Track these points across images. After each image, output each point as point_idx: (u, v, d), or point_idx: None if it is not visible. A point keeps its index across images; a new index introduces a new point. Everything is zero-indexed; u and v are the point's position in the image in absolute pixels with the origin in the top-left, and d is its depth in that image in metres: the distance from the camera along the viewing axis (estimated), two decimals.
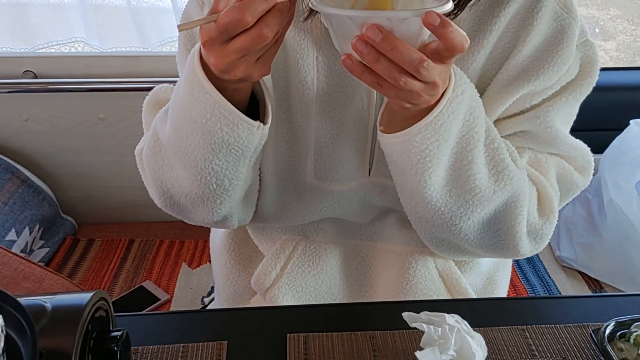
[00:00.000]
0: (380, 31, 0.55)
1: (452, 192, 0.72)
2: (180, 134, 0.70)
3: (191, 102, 0.67)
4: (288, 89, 0.77)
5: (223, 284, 1.01)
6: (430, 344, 0.64)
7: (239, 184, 0.74)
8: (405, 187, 0.75)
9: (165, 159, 0.76)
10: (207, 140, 0.68)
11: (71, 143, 1.75)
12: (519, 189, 0.74)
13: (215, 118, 0.66)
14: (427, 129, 0.65)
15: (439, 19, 0.54)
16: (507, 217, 0.75)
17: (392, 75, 0.57)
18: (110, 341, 0.63)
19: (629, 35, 4.25)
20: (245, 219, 0.85)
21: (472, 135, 0.69)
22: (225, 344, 0.74)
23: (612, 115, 1.70)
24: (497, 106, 0.76)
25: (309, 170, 0.82)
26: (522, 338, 0.76)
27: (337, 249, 0.93)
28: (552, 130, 0.77)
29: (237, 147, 0.68)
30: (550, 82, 0.74)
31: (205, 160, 0.70)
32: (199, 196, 0.74)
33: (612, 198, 1.59)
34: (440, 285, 0.91)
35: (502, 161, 0.72)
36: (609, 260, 1.64)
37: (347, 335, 0.76)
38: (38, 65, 1.64)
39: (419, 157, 0.67)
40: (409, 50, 0.56)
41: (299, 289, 0.92)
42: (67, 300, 0.62)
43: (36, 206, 1.68)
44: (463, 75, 0.67)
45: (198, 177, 0.72)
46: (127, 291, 1.60)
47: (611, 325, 0.74)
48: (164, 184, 0.77)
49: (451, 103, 0.65)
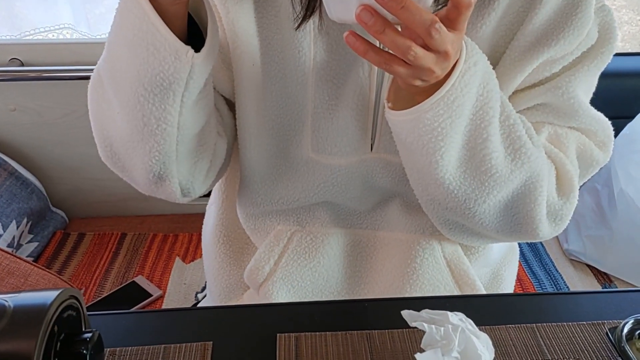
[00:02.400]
0: None
1: (467, 173, 0.67)
2: (113, 53, 0.64)
3: (123, 14, 0.61)
4: (283, 55, 0.72)
5: (214, 279, 0.96)
6: (431, 345, 0.59)
7: (168, 129, 0.66)
8: (416, 168, 0.70)
9: (104, 93, 0.69)
10: (133, 61, 0.61)
11: (60, 134, 1.70)
12: (538, 169, 0.70)
13: (142, 34, 0.60)
14: (439, 104, 0.60)
15: None
16: (525, 200, 0.71)
17: (401, 47, 0.53)
18: (80, 344, 0.57)
19: (634, 25, 4.22)
20: (193, 191, 0.76)
21: (486, 110, 0.64)
22: (209, 345, 0.69)
23: (623, 102, 1.64)
24: (515, 75, 0.71)
25: (305, 143, 0.77)
26: (532, 337, 0.70)
27: (335, 239, 0.88)
28: (575, 101, 0.73)
29: (162, 73, 0.61)
30: (570, 47, 0.70)
31: (131, 86, 0.63)
32: (129, 138, 0.67)
33: (622, 188, 1.53)
34: (448, 276, 0.85)
35: (518, 139, 0.68)
36: (619, 254, 1.58)
37: (342, 335, 0.70)
38: (25, 52, 1.58)
39: (430, 136, 0.63)
40: (420, 10, 0.51)
41: (294, 283, 0.87)
42: (31, 299, 0.56)
43: (24, 199, 1.63)
44: (474, 45, 0.63)
45: (126, 111, 0.65)
46: (118, 287, 1.55)
47: (629, 324, 0.68)
48: (103, 127, 0.71)
49: (463, 76, 0.60)
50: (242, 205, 0.88)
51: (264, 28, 0.71)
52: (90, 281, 1.58)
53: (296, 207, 0.86)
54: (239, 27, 0.70)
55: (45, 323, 0.53)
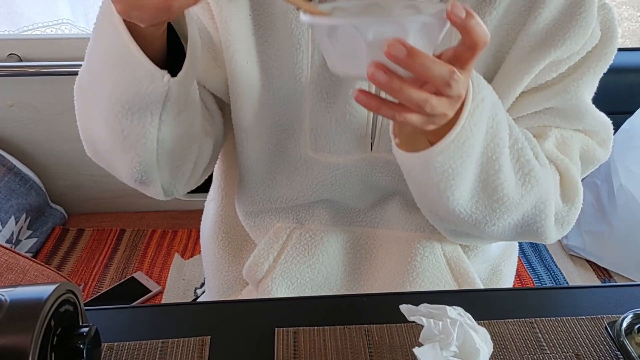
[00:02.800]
0: (405, 46, 0.47)
1: (479, 203, 0.68)
2: (92, 67, 0.64)
3: (100, 32, 0.60)
4: (276, 55, 0.71)
5: (213, 275, 0.96)
6: (430, 339, 0.59)
7: (148, 144, 0.65)
8: (425, 199, 0.70)
9: (86, 100, 0.68)
10: (109, 79, 0.60)
11: (59, 130, 1.69)
12: (546, 189, 0.70)
13: (118, 55, 0.58)
14: (450, 147, 0.60)
15: (465, 11, 0.48)
16: (535, 218, 0.72)
17: (418, 102, 0.51)
18: (76, 338, 0.57)
19: (634, 21, 4.22)
20: (175, 192, 0.75)
21: (496, 142, 0.64)
22: (207, 340, 0.69)
23: (623, 97, 1.64)
24: (522, 77, 0.70)
25: (304, 141, 0.76)
26: (531, 332, 0.70)
27: (334, 236, 0.87)
28: (583, 104, 0.73)
29: (138, 94, 0.60)
30: (576, 46, 0.69)
31: (109, 102, 0.62)
32: (110, 146, 0.67)
33: (622, 184, 1.53)
34: (447, 274, 0.85)
35: (527, 162, 0.68)
36: (619, 249, 1.58)
37: (340, 330, 0.70)
38: (23, 48, 1.57)
39: (441, 177, 0.62)
40: (436, 63, 0.49)
41: (293, 280, 0.86)
42: (27, 294, 0.56)
43: (23, 195, 1.62)
44: (480, 78, 0.61)
45: (106, 123, 0.64)
46: (117, 282, 1.55)
47: (629, 318, 0.68)
48: (87, 129, 0.70)
49: (472, 115, 0.59)
50: (241, 203, 0.87)
51: (260, 26, 0.71)
52: (89, 277, 1.57)
53: (295, 205, 0.85)
54: (232, 25, 0.69)
55: (42, 317, 0.53)
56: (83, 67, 0.67)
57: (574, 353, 0.67)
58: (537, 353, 0.67)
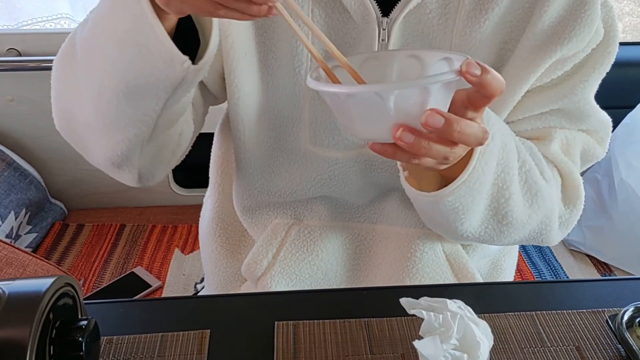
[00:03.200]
0: (442, 115, 0.47)
1: (488, 228, 0.69)
2: (96, 40, 0.59)
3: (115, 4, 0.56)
4: (276, 47, 0.71)
5: (212, 271, 0.95)
6: (430, 332, 0.58)
7: (142, 129, 0.62)
8: (433, 224, 0.72)
9: (75, 70, 0.64)
10: (118, 57, 0.57)
11: None
12: (552, 205, 0.71)
13: (136, 32, 0.54)
14: (461, 188, 0.60)
15: (479, 68, 0.48)
16: (540, 232, 0.73)
17: (444, 154, 0.51)
18: (75, 331, 0.57)
19: (635, 16, 4.20)
20: (149, 179, 0.72)
21: (507, 171, 0.64)
22: (207, 333, 0.68)
23: (623, 92, 1.63)
24: (528, 75, 0.70)
25: (303, 135, 0.75)
26: (532, 325, 0.70)
27: (333, 233, 0.87)
28: (589, 106, 0.74)
29: (150, 77, 0.57)
30: (582, 44, 0.69)
31: (110, 81, 0.59)
32: (95, 126, 0.63)
33: (623, 178, 1.52)
34: (447, 270, 0.85)
35: (535, 183, 0.69)
36: (619, 243, 1.58)
37: (340, 323, 0.70)
38: (22, 42, 1.57)
39: (450, 212, 0.63)
40: (472, 127, 0.50)
41: (292, 277, 0.86)
42: (26, 287, 0.56)
43: (23, 190, 1.62)
44: (489, 112, 0.62)
45: (99, 102, 0.60)
46: (117, 277, 1.55)
47: (630, 311, 0.68)
48: (66, 100, 0.67)
49: (483, 155, 0.60)
50: (239, 198, 0.86)
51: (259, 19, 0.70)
52: (89, 272, 1.57)
53: (293, 201, 0.85)
54: None
55: (40, 310, 0.53)
56: (78, 35, 0.63)
57: (574, 346, 0.67)
58: (537, 346, 0.67)
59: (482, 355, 0.57)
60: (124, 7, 0.55)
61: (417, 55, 0.56)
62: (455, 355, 0.56)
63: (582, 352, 0.66)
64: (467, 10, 0.67)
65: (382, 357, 0.66)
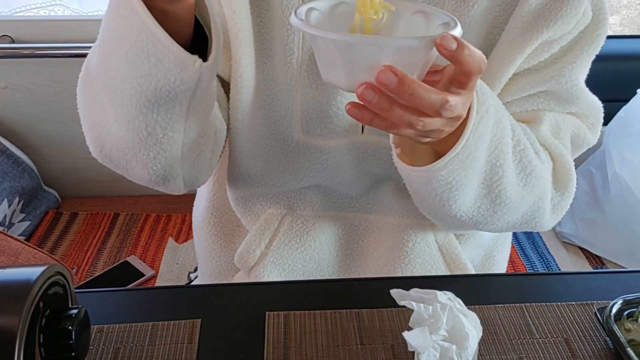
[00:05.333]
0: (395, 74, 0.47)
1: (481, 207, 0.68)
2: (107, 61, 0.59)
3: (117, 22, 0.56)
4: (270, 35, 0.71)
5: (205, 261, 0.95)
6: (419, 323, 0.59)
7: (175, 136, 0.62)
8: (426, 205, 0.71)
9: (96, 97, 0.65)
10: (132, 73, 0.56)
11: (52, 112, 1.68)
12: (545, 185, 0.71)
13: (142, 44, 0.54)
14: (454, 161, 0.59)
15: (456, 42, 0.47)
16: (534, 215, 0.73)
17: (409, 121, 0.51)
18: (65, 320, 0.57)
19: (633, 9, 4.18)
20: (195, 183, 0.74)
21: (500, 148, 0.64)
22: (198, 323, 0.69)
23: (618, 85, 1.63)
24: (515, 57, 0.69)
25: (294, 124, 0.75)
26: (521, 317, 0.70)
27: (326, 222, 0.87)
28: (577, 88, 0.73)
29: (167, 85, 0.56)
30: (568, 26, 0.68)
31: (131, 98, 0.58)
32: (128, 146, 0.63)
33: (616, 171, 1.53)
34: (440, 261, 0.85)
35: (529, 163, 0.68)
36: (612, 236, 1.58)
37: (331, 314, 0.70)
38: (15, 29, 1.56)
39: (444, 189, 0.62)
40: (429, 92, 0.49)
41: (285, 266, 0.86)
42: (16, 275, 0.56)
43: (16, 178, 1.62)
44: (483, 85, 0.61)
45: (126, 121, 0.61)
46: (110, 266, 1.55)
47: (618, 304, 0.68)
48: (95, 128, 0.66)
49: (477, 128, 0.59)
50: (233, 187, 0.86)
51: (256, 5, 0.70)
52: (82, 261, 1.57)
53: (287, 191, 0.84)
54: (235, 3, 0.67)
55: (30, 298, 0.53)
56: (91, 61, 0.63)
57: (563, 338, 0.68)
58: (526, 338, 0.67)
59: (470, 346, 0.57)
60: (126, 22, 0.54)
61: (426, 11, 0.56)
62: (444, 346, 0.56)
63: (570, 344, 0.67)
64: None
65: (371, 348, 0.66)
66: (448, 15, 0.53)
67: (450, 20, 0.52)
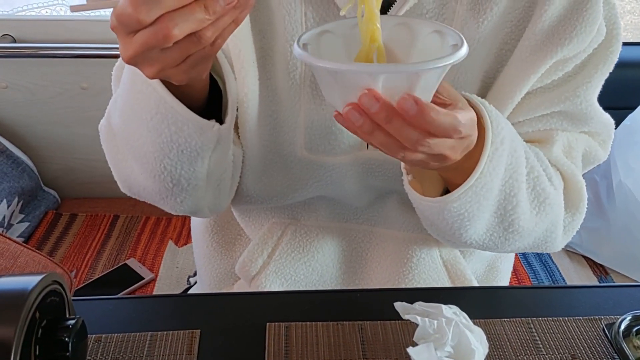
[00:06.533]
0: (377, 100, 0.46)
1: (493, 235, 0.67)
2: (128, 126, 0.63)
3: (134, 94, 0.59)
4: (273, 51, 0.69)
5: (205, 268, 0.94)
6: (424, 338, 0.57)
7: (199, 184, 0.66)
8: (435, 230, 0.70)
9: (119, 149, 0.68)
10: (155, 139, 0.60)
11: (53, 113, 1.67)
12: (558, 212, 0.70)
13: (161, 116, 0.58)
14: (467, 193, 0.59)
15: (415, 106, 0.46)
16: (545, 239, 0.72)
17: (389, 148, 0.50)
18: (62, 331, 0.55)
19: (637, 15, 4.18)
20: (219, 209, 0.77)
21: (515, 178, 0.62)
22: (197, 333, 0.67)
23: (624, 92, 1.62)
24: (528, 76, 0.68)
25: (298, 141, 0.73)
26: (527, 332, 0.69)
27: (330, 233, 0.85)
28: (591, 108, 0.72)
29: (189, 148, 0.61)
30: (583, 44, 0.67)
31: (155, 159, 0.62)
32: (156, 193, 0.67)
33: (621, 180, 1.51)
34: (444, 276, 0.84)
35: (543, 191, 0.67)
36: (616, 246, 1.57)
37: (333, 325, 0.68)
38: (17, 28, 1.55)
39: (456, 219, 0.62)
40: (406, 128, 0.48)
41: (287, 277, 0.84)
42: (11, 284, 0.54)
43: (15, 178, 1.60)
44: (498, 115, 0.60)
45: (151, 175, 0.65)
46: (110, 269, 1.53)
47: (627, 320, 0.67)
48: (121, 173, 0.71)
49: (492, 160, 0.58)
50: (236, 202, 0.84)
51: (257, 21, 0.68)
52: (81, 263, 1.56)
53: (291, 202, 0.83)
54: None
55: (26, 309, 0.52)
56: (113, 118, 0.66)
57: (570, 354, 0.66)
58: (533, 354, 0.66)
59: None
60: (143, 95, 0.58)
61: (407, 24, 0.55)
62: None
63: None
64: (465, 11, 0.66)
65: None
66: (459, 36, 0.52)
67: (459, 41, 0.51)
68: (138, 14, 0.43)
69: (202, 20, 0.45)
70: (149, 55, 0.47)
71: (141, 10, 0.43)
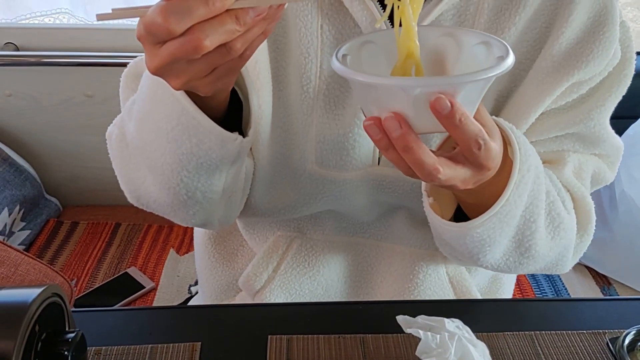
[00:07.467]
0: (401, 126, 0.47)
1: (509, 260, 0.67)
2: (145, 136, 0.62)
3: (154, 104, 0.58)
4: (286, 62, 0.68)
5: (206, 279, 0.93)
6: (427, 353, 0.57)
7: (214, 197, 0.65)
8: (450, 251, 0.69)
9: (132, 159, 0.67)
10: (174, 150, 0.59)
11: (56, 121, 1.67)
12: (571, 236, 0.70)
13: (182, 127, 0.57)
14: (492, 220, 0.58)
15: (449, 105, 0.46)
16: (557, 263, 0.72)
17: (401, 168, 0.50)
18: (61, 344, 0.55)
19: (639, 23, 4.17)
20: (229, 221, 0.76)
21: (535, 204, 0.62)
22: (198, 346, 0.67)
23: (627, 102, 1.60)
24: (544, 98, 0.67)
25: (309, 155, 0.72)
26: (530, 346, 0.68)
27: (336, 247, 0.84)
28: (605, 131, 0.72)
29: (209, 160, 0.60)
30: (599, 68, 0.66)
31: (172, 170, 0.61)
32: (168, 204, 0.66)
33: (624, 190, 1.51)
34: (450, 292, 0.83)
35: (558, 215, 0.67)
36: (619, 256, 1.56)
37: (335, 339, 0.68)
38: (20, 37, 1.55)
39: (476, 244, 0.61)
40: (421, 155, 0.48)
41: (292, 291, 0.83)
42: (11, 297, 0.54)
43: (17, 186, 1.60)
44: (526, 142, 0.60)
45: (166, 187, 0.63)
46: (110, 278, 1.53)
47: (631, 334, 0.66)
48: (131, 183, 0.69)
49: (518, 187, 0.58)
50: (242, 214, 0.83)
51: (272, 32, 0.67)
52: (82, 271, 1.55)
53: (298, 216, 0.83)
54: None
55: (26, 322, 0.51)
56: (127, 127, 0.65)
57: None
58: None
59: None
60: (164, 106, 0.57)
61: (454, 34, 0.55)
62: None
63: None
64: (482, 30, 0.65)
65: None
66: (505, 47, 0.50)
67: (505, 52, 0.50)
68: (168, 24, 0.42)
69: (232, 32, 0.44)
70: (176, 66, 0.46)
71: (171, 20, 0.42)
